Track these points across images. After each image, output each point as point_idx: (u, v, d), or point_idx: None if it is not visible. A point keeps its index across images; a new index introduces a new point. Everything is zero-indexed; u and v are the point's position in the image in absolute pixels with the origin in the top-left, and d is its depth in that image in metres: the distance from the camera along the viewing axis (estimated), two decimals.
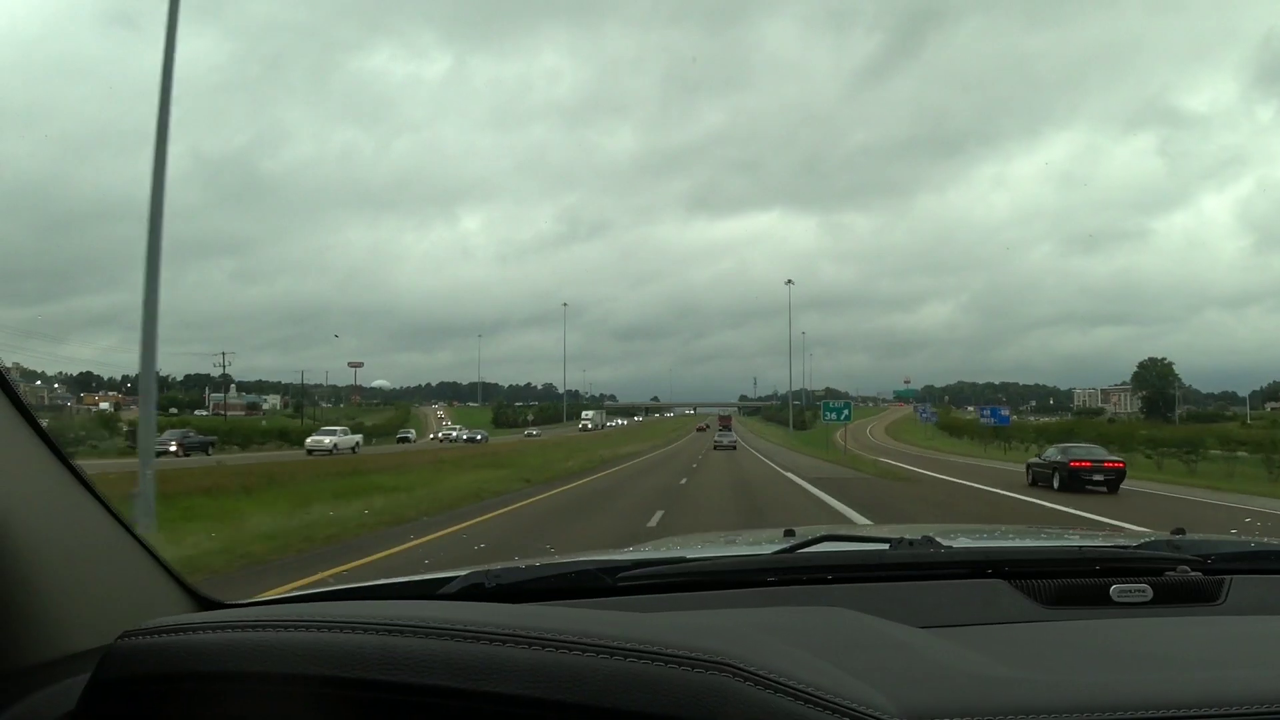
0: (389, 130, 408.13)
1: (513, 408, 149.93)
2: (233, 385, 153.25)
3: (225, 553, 9.83)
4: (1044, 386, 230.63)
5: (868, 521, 13.46)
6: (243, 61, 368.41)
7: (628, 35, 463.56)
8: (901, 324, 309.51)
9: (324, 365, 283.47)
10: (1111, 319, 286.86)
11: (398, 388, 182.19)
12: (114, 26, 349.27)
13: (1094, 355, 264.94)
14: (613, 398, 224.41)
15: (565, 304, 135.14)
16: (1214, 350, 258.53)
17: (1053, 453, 24.12)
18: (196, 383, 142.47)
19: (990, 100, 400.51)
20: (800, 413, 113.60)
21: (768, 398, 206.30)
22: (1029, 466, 25.68)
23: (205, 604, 1.32)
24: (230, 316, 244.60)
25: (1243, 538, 1.85)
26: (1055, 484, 22.28)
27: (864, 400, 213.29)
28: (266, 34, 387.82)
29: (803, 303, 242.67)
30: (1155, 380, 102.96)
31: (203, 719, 0.90)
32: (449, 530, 13.26)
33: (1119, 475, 22.16)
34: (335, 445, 45.33)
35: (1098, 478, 21.72)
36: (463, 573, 1.45)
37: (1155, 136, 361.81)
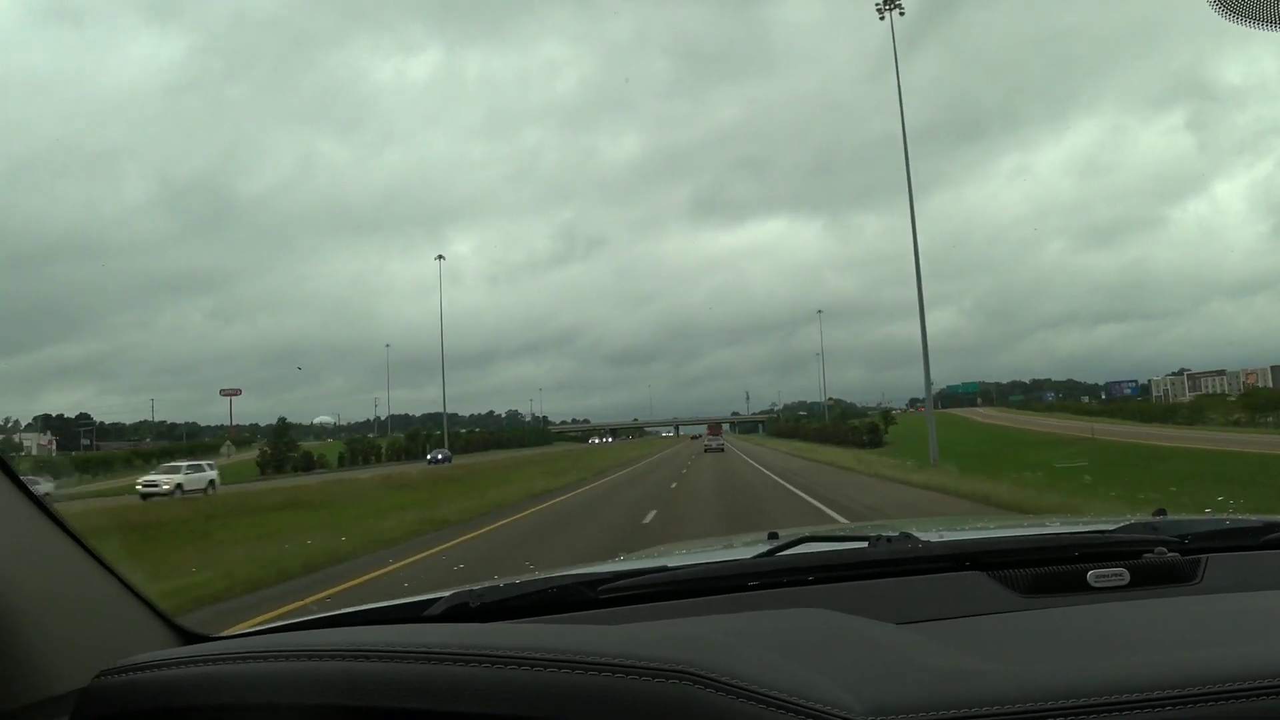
0: (372, 140, 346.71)
1: (364, 439, 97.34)
2: None
3: None
4: (1078, 383, 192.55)
5: None
6: (206, 63, 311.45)
7: (634, 15, 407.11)
8: (902, 332, 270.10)
9: (306, 407, 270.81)
10: (1115, 316, 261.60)
11: (343, 424, 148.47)
12: (53, 23, 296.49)
13: (1094, 354, 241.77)
14: (586, 421, 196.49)
15: (440, 256, 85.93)
16: (1213, 342, 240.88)
17: None
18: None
19: (1016, 82, 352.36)
20: (822, 422, 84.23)
21: (764, 412, 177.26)
22: None
23: (189, 638, 1.33)
24: (210, 359, 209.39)
25: (1219, 516, 1.86)
26: None
27: (874, 409, 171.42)
28: (233, 31, 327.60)
29: (805, 315, 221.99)
30: None
31: None
32: None
33: None
34: None
35: None
36: (447, 594, 1.46)
37: (1186, 112, 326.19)
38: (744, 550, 1.76)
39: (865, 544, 1.57)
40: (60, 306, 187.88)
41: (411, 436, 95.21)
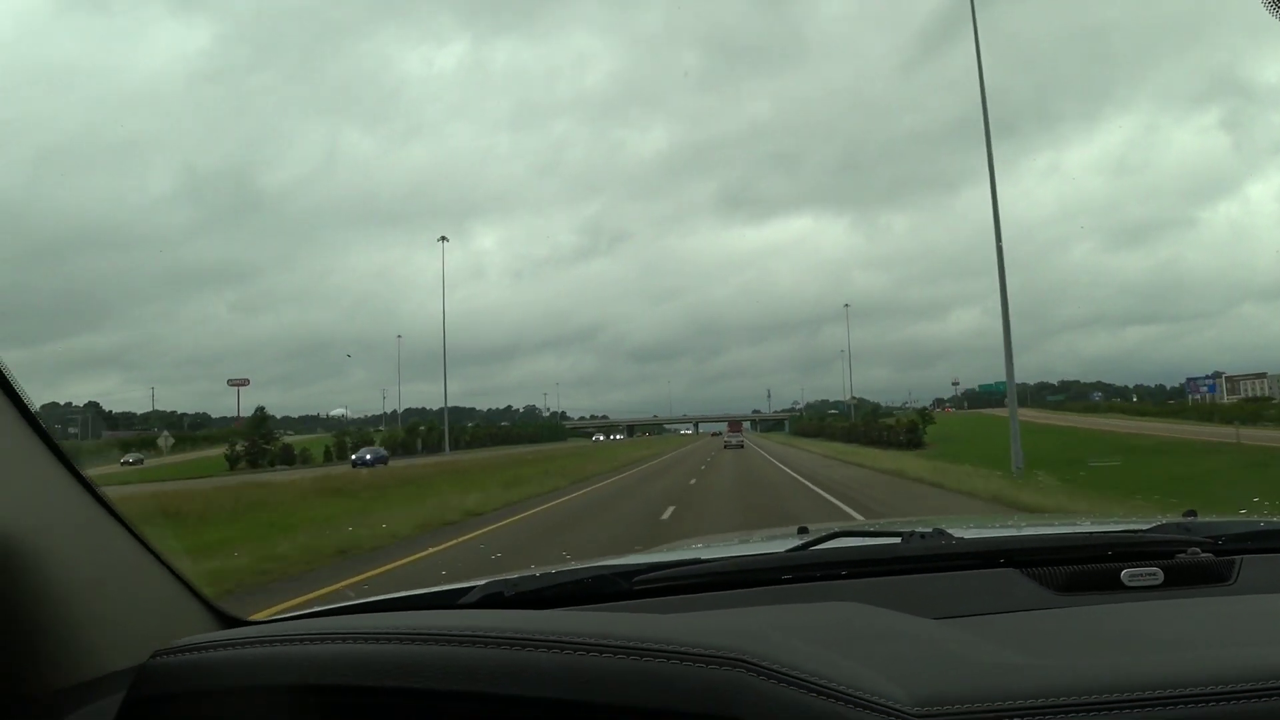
0: (398, 132, 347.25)
1: (361, 432, 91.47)
2: None
3: None
4: (1108, 384, 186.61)
5: None
6: (232, 52, 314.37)
7: (664, 7, 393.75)
8: (926, 332, 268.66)
9: (328, 400, 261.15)
10: (1143, 318, 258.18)
11: (357, 417, 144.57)
12: (79, 12, 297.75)
13: (1120, 356, 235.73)
14: (604, 417, 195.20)
15: (444, 238, 79.50)
16: (1243, 345, 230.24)
17: None
18: None
19: (1050, 78, 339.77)
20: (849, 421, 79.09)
21: (786, 410, 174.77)
22: None
23: (228, 621, 1.36)
24: (234, 351, 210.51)
25: (1253, 518, 1.87)
26: None
27: (899, 408, 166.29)
28: (259, 20, 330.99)
29: (830, 313, 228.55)
30: None
31: None
32: None
33: None
34: None
35: None
36: (481, 582, 1.47)
37: (1221, 111, 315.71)
38: (775, 544, 1.75)
39: (898, 540, 1.56)
40: (86, 297, 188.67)
41: (410, 430, 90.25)
